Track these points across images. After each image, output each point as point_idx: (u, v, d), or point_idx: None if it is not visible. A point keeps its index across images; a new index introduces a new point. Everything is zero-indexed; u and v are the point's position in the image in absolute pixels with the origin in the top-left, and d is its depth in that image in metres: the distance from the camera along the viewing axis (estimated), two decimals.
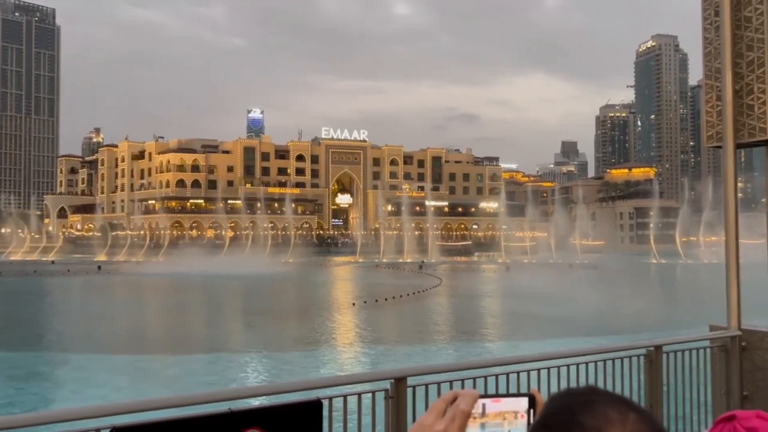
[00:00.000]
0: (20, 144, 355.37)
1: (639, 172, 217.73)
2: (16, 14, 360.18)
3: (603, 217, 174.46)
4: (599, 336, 29.18)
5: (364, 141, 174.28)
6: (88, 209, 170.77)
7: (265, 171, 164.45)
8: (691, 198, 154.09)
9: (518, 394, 1.49)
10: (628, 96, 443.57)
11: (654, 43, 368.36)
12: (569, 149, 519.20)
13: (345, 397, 5.13)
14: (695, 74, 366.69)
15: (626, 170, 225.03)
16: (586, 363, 6.60)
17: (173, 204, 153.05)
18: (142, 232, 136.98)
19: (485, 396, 1.48)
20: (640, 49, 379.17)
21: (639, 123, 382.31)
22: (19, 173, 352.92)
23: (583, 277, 72.56)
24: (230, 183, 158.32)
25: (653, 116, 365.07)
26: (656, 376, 6.98)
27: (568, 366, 6.47)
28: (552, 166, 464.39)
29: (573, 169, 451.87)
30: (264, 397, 5.15)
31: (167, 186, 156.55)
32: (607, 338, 27.70)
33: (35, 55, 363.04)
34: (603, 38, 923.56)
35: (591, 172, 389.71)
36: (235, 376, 21.34)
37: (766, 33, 7.95)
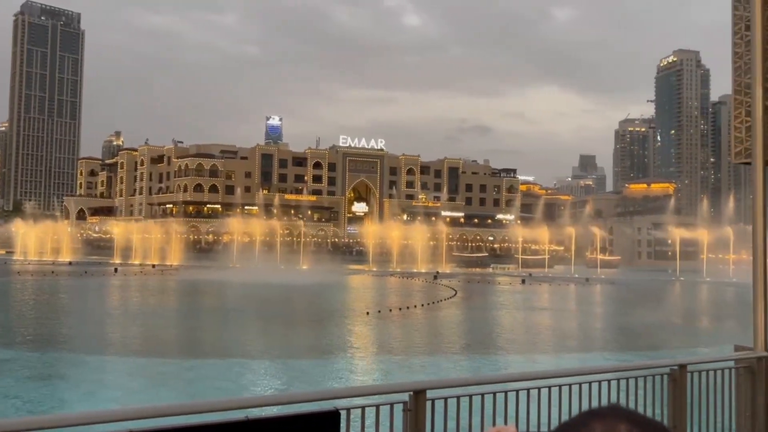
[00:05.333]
0: (43, 146, 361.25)
1: (658, 188, 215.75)
2: (42, 18, 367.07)
3: (620, 232, 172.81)
4: (617, 352, 28.78)
5: (381, 150, 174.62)
6: (106, 211, 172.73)
7: (283, 177, 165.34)
8: (711, 215, 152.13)
9: None
10: (646, 111, 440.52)
11: (675, 58, 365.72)
12: (587, 163, 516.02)
13: (363, 408, 5.06)
14: (717, 90, 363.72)
15: (645, 185, 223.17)
16: (609, 381, 6.47)
17: (190, 208, 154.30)
18: (159, 236, 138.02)
19: None
20: (661, 64, 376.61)
21: (659, 138, 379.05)
22: (40, 174, 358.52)
23: (600, 292, 71.78)
24: (248, 189, 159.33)
25: (673, 131, 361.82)
26: (680, 396, 6.83)
27: (590, 383, 6.35)
28: (569, 179, 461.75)
29: (591, 182, 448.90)
30: (281, 405, 5.09)
31: (185, 190, 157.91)
32: (627, 355, 27.32)
33: (59, 58, 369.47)
34: (617, 53, 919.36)
35: (609, 187, 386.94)
36: (249, 382, 21.32)
37: None
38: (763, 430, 7.54)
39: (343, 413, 4.75)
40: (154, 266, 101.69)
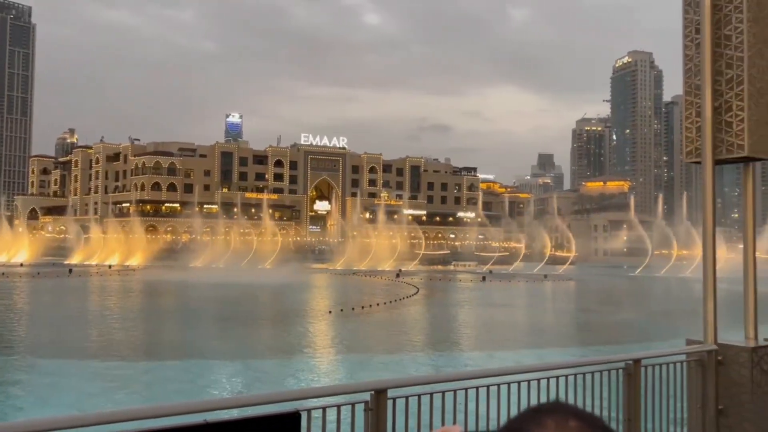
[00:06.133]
0: None
1: (614, 186, 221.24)
2: None
3: (577, 229, 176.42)
4: (576, 347, 29.41)
5: (344, 148, 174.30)
6: (60, 211, 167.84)
7: (243, 176, 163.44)
8: (665, 212, 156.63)
9: None
10: (602, 110, 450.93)
11: (630, 59, 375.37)
12: (545, 161, 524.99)
13: (324, 409, 5.03)
14: (669, 90, 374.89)
15: (601, 183, 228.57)
16: (566, 376, 6.59)
17: (148, 207, 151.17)
18: (115, 235, 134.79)
19: None
20: (617, 65, 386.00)
21: (614, 137, 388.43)
22: None
23: (558, 289, 73.17)
24: (207, 187, 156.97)
25: (628, 131, 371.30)
26: (634, 390, 7.01)
27: (547, 379, 6.46)
28: (528, 177, 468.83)
29: (549, 181, 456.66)
30: (241, 408, 5.03)
31: (142, 189, 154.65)
32: (585, 349, 27.93)
33: (9, 53, 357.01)
34: (574, 53, 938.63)
35: (567, 185, 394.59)
36: (208, 384, 21.02)
37: (745, 51, 8.09)
38: (713, 421, 7.80)
39: (304, 414, 4.72)
40: (110, 267, 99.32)
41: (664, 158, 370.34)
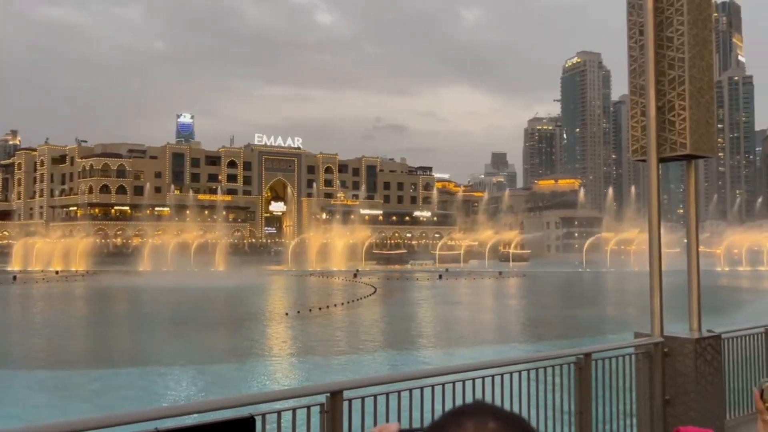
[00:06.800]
0: None
1: (565, 183, 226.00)
2: None
3: (531, 227, 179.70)
4: (531, 343, 29.93)
5: (299, 148, 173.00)
6: (3, 216, 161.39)
7: (195, 177, 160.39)
8: (614, 208, 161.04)
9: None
10: (553, 110, 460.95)
11: (579, 60, 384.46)
12: (499, 160, 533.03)
13: (279, 413, 4.97)
14: (617, 90, 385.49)
15: (553, 181, 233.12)
16: (519, 372, 6.69)
17: (96, 211, 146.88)
18: (62, 240, 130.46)
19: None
20: (566, 65, 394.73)
21: (565, 136, 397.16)
22: None
23: (512, 285, 74.36)
24: (158, 189, 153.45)
25: (578, 130, 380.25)
26: (585, 383, 7.17)
27: (501, 375, 6.55)
28: (483, 176, 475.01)
29: (503, 179, 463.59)
30: (194, 414, 4.92)
31: (90, 192, 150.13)
32: (539, 345, 28.46)
33: None
34: (525, 53, 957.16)
35: (520, 183, 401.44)
36: (161, 391, 20.55)
37: (686, 53, 8.37)
38: (660, 411, 8.05)
39: (258, 419, 4.65)
40: (57, 272, 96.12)
41: (613, 156, 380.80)
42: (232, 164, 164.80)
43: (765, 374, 9.56)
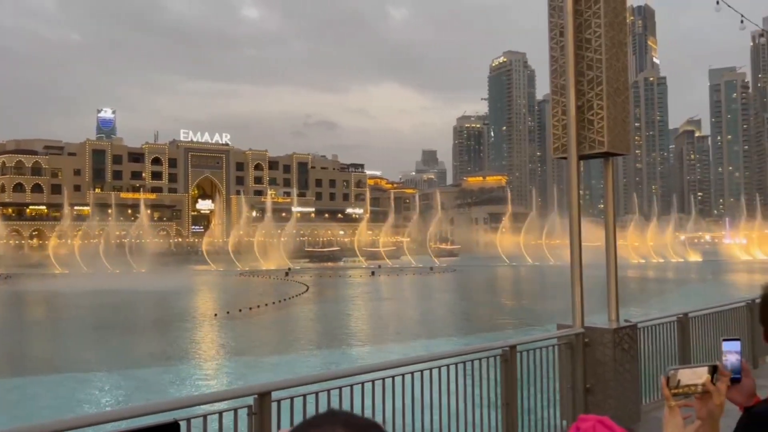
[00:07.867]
0: None
1: (492, 180, 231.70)
2: None
3: (460, 223, 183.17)
4: (461, 336, 30.51)
5: (227, 144, 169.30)
6: None
7: (117, 175, 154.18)
8: (539, 204, 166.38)
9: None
10: (480, 108, 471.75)
11: (505, 59, 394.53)
12: (429, 158, 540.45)
13: (205, 417, 4.85)
14: (541, 89, 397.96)
15: (481, 178, 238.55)
16: (447, 366, 6.80)
17: (10, 211, 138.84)
18: None
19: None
20: (493, 64, 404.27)
21: (492, 134, 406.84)
22: None
23: (443, 280, 75.61)
24: (77, 188, 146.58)
25: (504, 128, 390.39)
26: (511, 375, 7.37)
27: (430, 369, 6.63)
28: (414, 173, 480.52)
29: (433, 176, 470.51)
30: (114, 422, 4.73)
31: (3, 191, 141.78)
32: (468, 338, 29.04)
33: None
34: (453, 52, 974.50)
35: (450, 180, 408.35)
36: (83, 398, 19.66)
37: (603, 54, 8.72)
38: (581, 399, 8.37)
39: (183, 424, 4.52)
40: None
41: (538, 153, 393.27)
42: (156, 161, 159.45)
43: (677, 361, 10.12)
